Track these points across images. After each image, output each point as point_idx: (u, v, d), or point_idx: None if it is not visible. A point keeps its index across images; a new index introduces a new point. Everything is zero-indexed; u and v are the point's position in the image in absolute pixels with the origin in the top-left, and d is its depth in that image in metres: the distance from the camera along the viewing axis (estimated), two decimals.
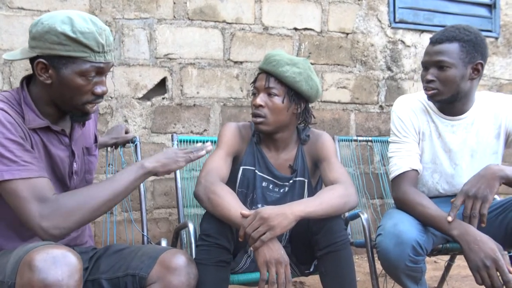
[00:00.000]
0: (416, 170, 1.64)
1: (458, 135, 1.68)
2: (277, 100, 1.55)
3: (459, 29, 1.59)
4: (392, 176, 1.67)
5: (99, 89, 1.21)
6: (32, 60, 1.19)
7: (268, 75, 1.56)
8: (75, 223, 1.12)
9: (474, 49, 1.58)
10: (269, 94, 1.55)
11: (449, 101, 1.64)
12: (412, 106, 1.73)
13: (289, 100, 1.56)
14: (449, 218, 1.42)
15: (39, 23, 1.15)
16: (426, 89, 1.63)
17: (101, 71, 1.21)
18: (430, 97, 1.64)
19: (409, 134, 1.69)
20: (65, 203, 1.11)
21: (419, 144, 1.71)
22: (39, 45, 1.14)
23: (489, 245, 1.34)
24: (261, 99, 1.55)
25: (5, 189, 1.10)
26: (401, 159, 1.66)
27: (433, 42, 1.62)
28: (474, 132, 1.68)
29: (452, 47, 1.57)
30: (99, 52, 1.17)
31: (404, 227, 1.43)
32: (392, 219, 1.50)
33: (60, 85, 1.17)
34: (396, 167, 1.65)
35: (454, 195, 1.71)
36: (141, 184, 1.82)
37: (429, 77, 1.60)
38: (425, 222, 1.49)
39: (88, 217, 1.15)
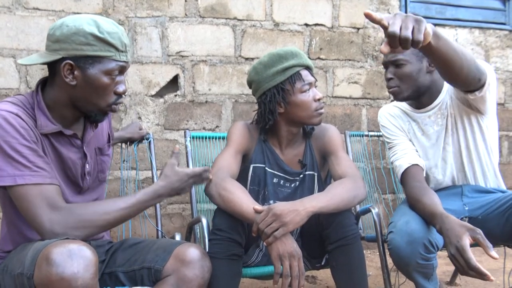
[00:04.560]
0: (417, 165, 1.67)
1: (439, 122, 1.72)
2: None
3: None
4: (398, 177, 1.72)
5: (120, 88, 1.25)
6: (52, 63, 1.21)
7: (310, 70, 1.62)
8: (83, 234, 1.14)
9: None
10: (315, 87, 1.62)
11: (414, 96, 1.70)
12: (391, 113, 1.83)
13: None
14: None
15: (63, 25, 1.18)
16: (388, 88, 1.71)
17: (123, 70, 1.25)
18: (394, 97, 1.71)
19: (398, 135, 1.77)
20: (79, 213, 1.13)
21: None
22: (65, 46, 1.17)
23: (454, 232, 1.32)
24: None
25: (16, 194, 1.13)
26: (399, 159, 1.72)
27: None
28: (451, 112, 1.70)
29: None
30: (122, 51, 1.22)
31: (416, 225, 1.44)
32: (404, 216, 1.50)
33: (86, 85, 1.20)
34: (398, 168, 1.71)
35: (458, 184, 1.74)
36: (155, 180, 1.86)
37: (388, 75, 1.68)
38: (423, 218, 1.49)
39: (97, 231, 1.17)
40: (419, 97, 1.70)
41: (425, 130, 1.74)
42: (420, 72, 1.63)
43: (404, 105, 1.81)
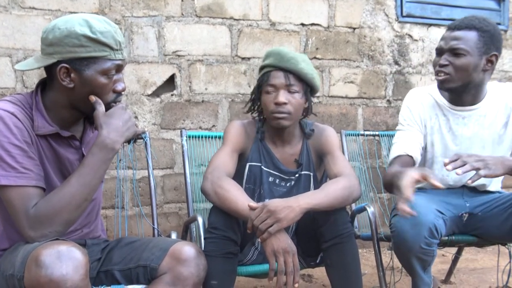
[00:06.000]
0: (411, 157, 1.63)
1: (470, 127, 1.68)
2: (298, 96, 1.58)
3: (479, 19, 1.58)
4: (390, 158, 1.69)
5: (119, 86, 1.25)
6: (49, 67, 1.21)
7: (287, 73, 1.57)
8: (60, 226, 1.12)
9: (491, 40, 1.57)
10: (290, 91, 1.57)
11: (459, 91, 1.63)
12: (422, 100, 1.73)
13: (305, 95, 1.61)
14: (446, 161, 1.35)
15: (55, 28, 1.17)
16: (437, 74, 1.62)
17: (120, 68, 1.25)
18: (441, 83, 1.62)
19: (413, 124, 1.71)
20: (42, 211, 1.11)
21: (426, 137, 1.72)
22: (59, 50, 1.16)
23: (406, 173, 1.35)
24: (284, 96, 1.56)
25: (1, 193, 1.14)
26: (398, 145, 1.67)
27: (452, 28, 1.60)
28: (486, 124, 1.68)
29: (470, 35, 1.56)
30: (117, 50, 1.21)
31: (421, 209, 1.41)
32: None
33: (83, 87, 1.20)
34: (392, 153, 1.67)
35: (463, 186, 1.73)
36: (152, 180, 1.86)
37: (443, 61, 1.59)
38: (394, 185, 1.44)
39: (70, 216, 1.14)
40: (463, 93, 1.64)
41: (453, 129, 1.69)
42: (477, 68, 1.57)
43: (440, 97, 1.72)
